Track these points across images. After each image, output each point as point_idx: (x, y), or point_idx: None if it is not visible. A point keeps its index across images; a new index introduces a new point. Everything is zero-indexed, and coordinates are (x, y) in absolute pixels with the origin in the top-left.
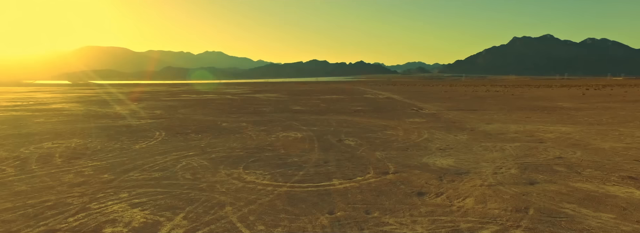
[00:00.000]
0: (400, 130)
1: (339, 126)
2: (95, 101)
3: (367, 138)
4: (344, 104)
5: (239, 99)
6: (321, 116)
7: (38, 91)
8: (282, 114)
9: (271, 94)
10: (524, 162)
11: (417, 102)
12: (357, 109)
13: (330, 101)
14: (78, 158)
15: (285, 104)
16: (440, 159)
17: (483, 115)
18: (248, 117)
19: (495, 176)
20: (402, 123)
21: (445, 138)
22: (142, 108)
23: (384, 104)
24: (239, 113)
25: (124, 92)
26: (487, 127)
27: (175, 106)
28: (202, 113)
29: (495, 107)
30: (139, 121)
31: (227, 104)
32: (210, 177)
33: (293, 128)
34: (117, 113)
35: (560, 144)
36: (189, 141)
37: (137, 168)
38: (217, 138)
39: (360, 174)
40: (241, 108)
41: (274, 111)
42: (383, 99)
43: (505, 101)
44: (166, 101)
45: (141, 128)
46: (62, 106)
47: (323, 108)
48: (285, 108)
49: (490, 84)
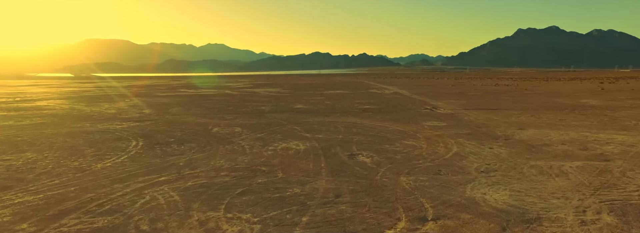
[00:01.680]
0: (422, 139)
1: (348, 133)
2: (87, 97)
3: (384, 151)
4: (349, 101)
5: (237, 95)
6: (326, 117)
7: (35, 85)
8: (283, 114)
9: (272, 89)
10: (611, 199)
11: (428, 98)
12: (365, 108)
13: (334, 97)
14: (9, 187)
15: (286, 102)
16: (490, 191)
17: (508, 116)
18: (244, 119)
19: (586, 229)
20: (420, 127)
21: (479, 151)
22: (131, 106)
23: (393, 102)
24: (235, 112)
25: (122, 86)
26: (522, 134)
27: (168, 104)
28: (195, 113)
29: (516, 105)
30: (121, 124)
31: (224, 101)
32: (176, 229)
33: (294, 136)
34: (101, 113)
35: (637, 163)
36: (166, 156)
37: (79, 209)
38: (203, 152)
39: (387, 221)
40: (238, 107)
41: (274, 110)
42: (390, 95)
43: (522, 97)
44: (160, 98)
45: (118, 136)
46: (47, 103)
47: (328, 106)
48: (286, 107)
49: (496, 77)
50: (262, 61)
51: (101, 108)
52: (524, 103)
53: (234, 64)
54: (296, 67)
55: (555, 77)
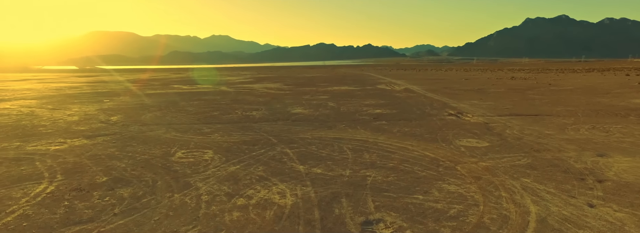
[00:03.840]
0: (467, 179)
1: (359, 163)
2: (65, 96)
3: (418, 212)
4: (356, 102)
5: (232, 93)
6: (329, 130)
7: (27, 80)
8: (275, 125)
9: (272, 85)
10: None
11: (447, 98)
12: (376, 114)
13: (339, 95)
14: None
15: (283, 103)
16: None
17: (563, 129)
18: (225, 133)
19: None
20: (456, 152)
21: (577, 215)
22: (102, 110)
23: (408, 103)
24: (218, 121)
25: (115, 82)
26: (616, 168)
27: (147, 107)
28: (170, 122)
29: (557, 109)
30: (62, 144)
31: (213, 102)
32: None
33: (282, 171)
34: (56, 122)
35: None
36: (66, 224)
37: None
38: (132, 210)
39: None
40: (226, 111)
41: (266, 117)
42: (402, 92)
43: (554, 95)
44: (145, 97)
45: (31, 170)
46: (11, 105)
47: (331, 110)
48: (282, 112)
49: (506, 68)
50: (266, 53)
51: (65, 114)
52: (564, 104)
53: (238, 56)
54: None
55: (569, 68)
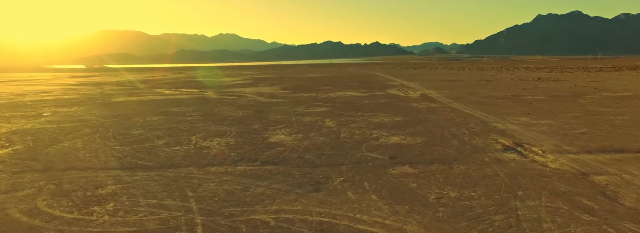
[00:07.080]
0: None
1: None
2: (10, 105)
3: None
4: (364, 119)
5: (213, 102)
6: (312, 199)
7: (26, 79)
8: (227, 177)
9: (266, 89)
10: None
11: (481, 111)
12: (392, 146)
13: (342, 106)
14: None
15: (265, 122)
16: None
17: None
18: (124, 207)
19: None
20: None
21: None
22: (12, 132)
23: (434, 123)
24: (147, 164)
25: (106, 83)
26: None
27: (83, 126)
28: (70, 165)
29: None
30: None
31: (178, 117)
32: None
33: None
34: None
35: None
36: None
37: None
38: None
39: None
40: (177, 139)
41: (225, 154)
42: (420, 101)
43: (619, 104)
44: (98, 109)
45: None
46: None
47: (327, 137)
48: (255, 141)
49: (521, 66)
50: (273, 51)
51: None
52: None
53: (245, 54)
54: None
55: (591, 66)
